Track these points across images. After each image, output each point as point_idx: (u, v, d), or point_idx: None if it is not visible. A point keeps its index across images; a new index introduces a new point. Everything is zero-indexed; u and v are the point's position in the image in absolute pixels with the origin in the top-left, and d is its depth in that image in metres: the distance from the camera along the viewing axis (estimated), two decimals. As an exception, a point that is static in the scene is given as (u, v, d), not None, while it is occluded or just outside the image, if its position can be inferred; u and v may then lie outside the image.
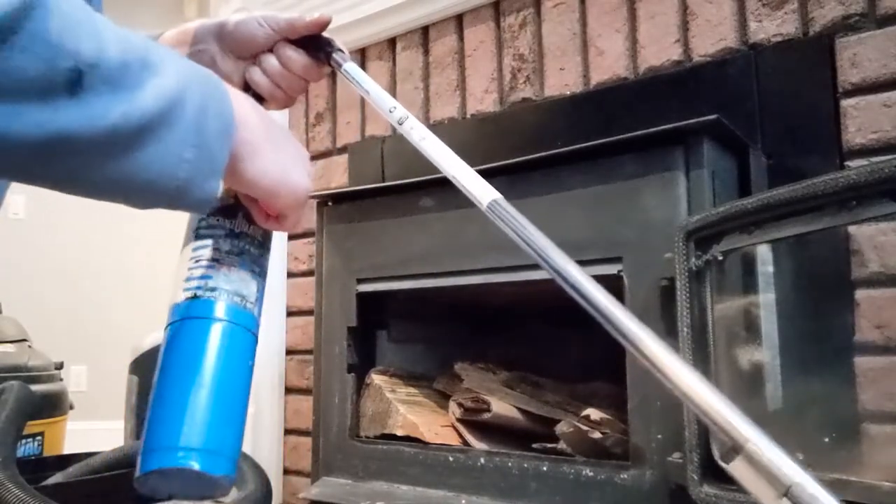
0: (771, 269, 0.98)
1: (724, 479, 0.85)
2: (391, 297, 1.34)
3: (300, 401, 1.67)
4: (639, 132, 1.00)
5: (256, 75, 0.72)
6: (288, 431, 1.69)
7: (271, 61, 0.72)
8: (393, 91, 1.59)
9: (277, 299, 1.73)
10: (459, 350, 1.43)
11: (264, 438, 1.67)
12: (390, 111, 0.72)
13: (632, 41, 1.27)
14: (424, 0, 1.50)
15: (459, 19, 1.50)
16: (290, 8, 1.69)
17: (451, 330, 1.50)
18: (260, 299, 0.62)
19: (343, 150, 1.67)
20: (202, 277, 0.59)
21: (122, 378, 2.47)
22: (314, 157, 1.74)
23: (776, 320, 0.98)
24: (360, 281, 1.32)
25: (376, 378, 1.34)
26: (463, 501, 1.12)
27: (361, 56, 1.66)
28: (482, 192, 0.64)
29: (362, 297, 1.32)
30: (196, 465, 0.53)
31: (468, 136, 1.46)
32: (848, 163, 1.02)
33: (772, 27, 1.12)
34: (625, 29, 1.28)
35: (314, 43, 0.72)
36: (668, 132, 0.98)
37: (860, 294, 0.98)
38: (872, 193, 0.71)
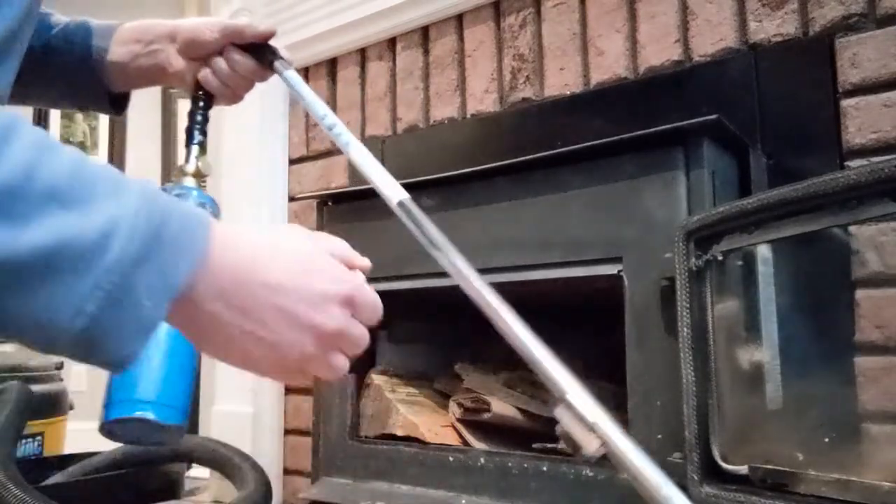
0: (771, 269, 0.98)
1: (725, 479, 0.85)
2: (391, 297, 1.34)
3: (300, 401, 1.67)
4: (639, 132, 1.00)
5: (207, 75, 0.81)
6: (288, 431, 1.69)
7: (220, 64, 0.80)
8: (393, 91, 1.59)
9: (277, 299, 1.72)
10: (459, 350, 1.43)
11: (264, 438, 1.67)
12: (322, 117, 0.79)
13: (632, 41, 1.27)
14: (424, 0, 1.50)
15: (459, 19, 1.50)
16: (288, 8, 1.69)
17: (451, 330, 1.50)
18: None
19: (343, 150, 1.67)
20: None
21: (122, 378, 2.46)
22: (314, 158, 1.74)
23: (776, 320, 0.98)
24: (360, 281, 1.32)
25: (376, 378, 1.34)
26: (463, 501, 1.12)
27: (361, 56, 1.66)
28: (393, 192, 0.73)
29: (362, 297, 1.32)
30: (151, 416, 0.61)
31: (468, 136, 1.46)
32: (848, 163, 1.02)
33: (772, 27, 1.12)
34: (625, 29, 1.28)
35: (260, 49, 0.81)
36: (668, 132, 0.98)
37: (860, 294, 0.98)
38: (872, 193, 0.71)
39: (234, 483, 1.48)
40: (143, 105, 3.84)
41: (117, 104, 0.84)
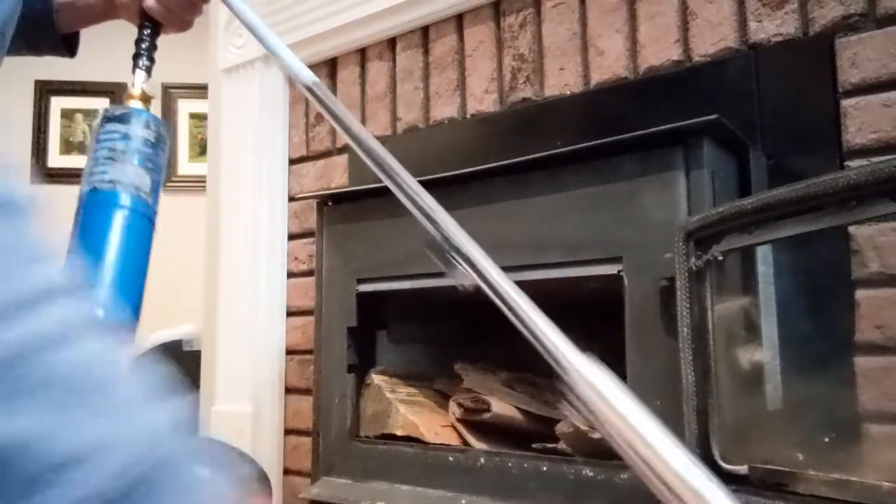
0: (771, 269, 0.98)
1: (725, 479, 0.85)
2: (391, 297, 1.34)
3: (300, 401, 1.67)
4: (639, 132, 1.00)
5: (152, 4, 0.85)
6: (288, 431, 1.69)
7: None
8: (393, 91, 1.59)
9: (277, 299, 1.72)
10: (459, 350, 1.43)
11: (264, 438, 1.66)
12: (255, 26, 0.83)
13: (632, 41, 1.27)
14: (424, 0, 1.50)
15: (459, 19, 1.50)
16: (288, 8, 1.69)
17: (451, 330, 1.50)
18: (155, 190, 0.78)
19: (343, 150, 1.67)
20: (102, 172, 0.76)
21: (122, 378, 2.46)
22: (314, 158, 1.74)
23: (776, 320, 0.98)
24: (360, 281, 1.32)
25: (376, 378, 1.34)
26: (463, 501, 1.12)
27: (361, 56, 1.66)
28: (303, 73, 0.72)
29: (362, 297, 1.32)
30: (115, 315, 0.69)
31: (468, 136, 1.46)
32: (848, 163, 1.02)
33: (772, 27, 1.12)
34: (625, 29, 1.28)
35: None
36: (668, 132, 0.98)
37: (860, 294, 0.98)
38: (872, 193, 0.71)
39: (234, 483, 1.48)
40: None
41: (71, 47, 0.88)
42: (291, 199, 1.76)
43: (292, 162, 1.78)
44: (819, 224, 0.77)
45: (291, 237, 1.74)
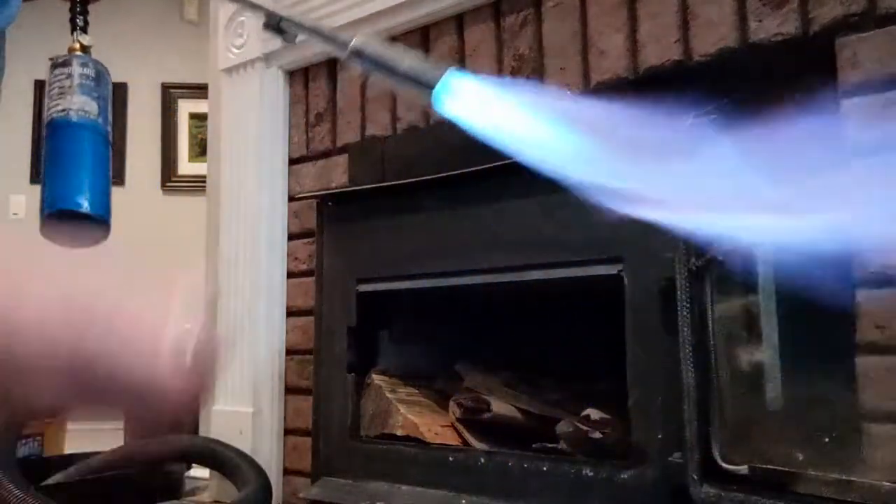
0: (771, 268, 0.98)
1: (725, 479, 0.85)
2: (391, 297, 1.34)
3: (300, 401, 1.67)
4: (639, 132, 1.00)
5: None
6: (288, 431, 1.69)
7: None
8: (393, 91, 1.59)
9: (277, 299, 1.72)
10: (459, 350, 1.43)
11: (264, 438, 1.66)
12: None
13: (632, 41, 1.27)
14: (424, 0, 1.50)
15: (459, 19, 1.50)
16: (290, 7, 1.69)
17: (451, 330, 1.50)
18: (103, 112, 1.02)
19: (343, 150, 1.67)
20: (55, 105, 0.98)
21: (122, 378, 2.46)
22: (314, 158, 1.74)
23: (776, 320, 0.98)
24: (360, 281, 1.32)
25: (376, 378, 1.34)
26: (463, 501, 1.12)
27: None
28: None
29: (362, 297, 1.32)
30: (87, 207, 0.92)
31: (468, 137, 1.46)
32: (848, 163, 1.02)
33: (772, 27, 1.12)
34: (625, 29, 1.28)
35: None
36: (668, 132, 0.98)
37: (860, 294, 0.98)
38: (873, 193, 0.71)
39: (234, 483, 1.48)
40: (143, 105, 3.84)
41: None
42: (291, 198, 1.76)
43: (292, 162, 1.78)
44: (819, 224, 0.77)
45: (291, 237, 1.74)
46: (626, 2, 1.28)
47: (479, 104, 0.51)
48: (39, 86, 3.73)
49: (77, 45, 1.07)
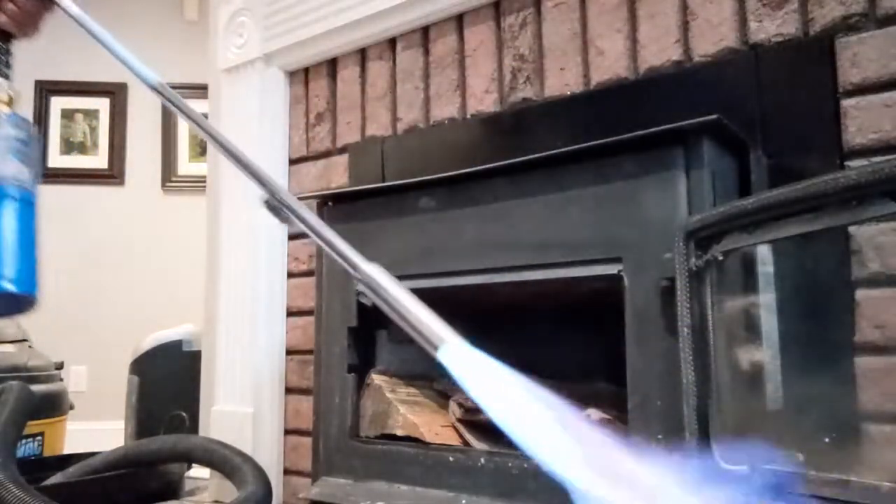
0: (771, 269, 0.98)
1: (725, 479, 0.85)
2: (391, 297, 1.34)
3: (300, 401, 1.67)
4: (639, 132, 1.00)
5: (1, 17, 0.99)
6: (288, 431, 1.69)
7: (7, 4, 0.99)
8: (393, 91, 1.59)
9: (277, 299, 1.73)
10: (459, 350, 1.43)
11: (264, 438, 1.66)
12: (97, 34, 0.95)
13: (632, 41, 1.27)
14: (424, 0, 1.50)
15: (459, 19, 1.50)
16: (288, 8, 1.69)
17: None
18: (34, 179, 0.96)
19: (343, 150, 1.67)
20: None
21: (122, 378, 2.47)
22: (314, 158, 1.74)
23: (776, 320, 0.98)
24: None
25: (376, 378, 1.34)
26: (463, 501, 1.12)
27: (361, 56, 1.66)
28: (150, 76, 0.89)
29: (362, 297, 1.32)
30: (12, 288, 0.87)
31: (468, 136, 1.46)
32: (848, 163, 1.02)
33: (772, 27, 1.12)
34: (625, 29, 1.28)
35: None
36: (668, 132, 0.98)
37: (860, 294, 0.98)
38: (872, 193, 0.71)
39: (234, 483, 1.48)
40: (143, 105, 3.84)
41: None
42: (291, 199, 1.76)
43: (292, 162, 1.78)
44: (819, 224, 0.77)
45: (291, 237, 1.74)
46: (626, 2, 1.28)
47: (478, 379, 0.54)
48: (40, 86, 3.73)
49: (6, 99, 0.99)
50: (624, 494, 0.47)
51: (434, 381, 1.41)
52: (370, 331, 1.39)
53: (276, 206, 0.69)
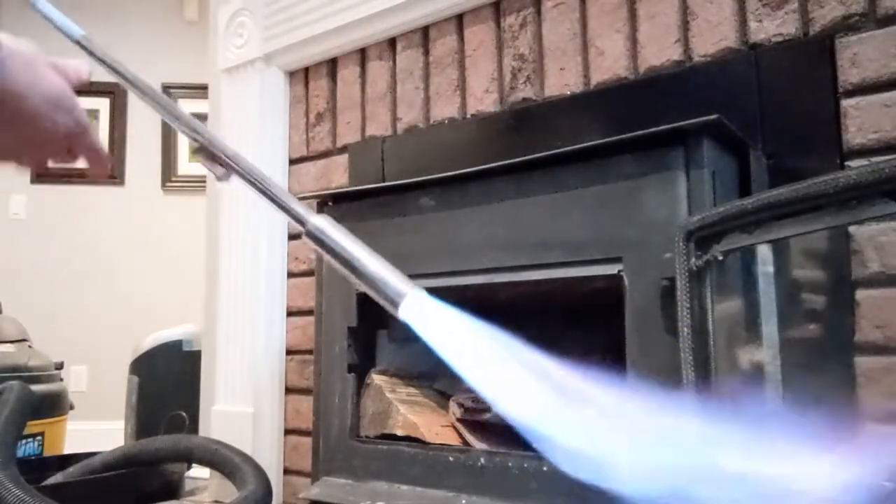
0: (771, 269, 0.98)
1: (724, 480, 0.84)
2: (391, 297, 1.34)
3: (300, 401, 1.67)
4: (639, 132, 1.00)
5: None
6: (288, 431, 1.69)
7: None
8: (393, 91, 1.59)
9: (277, 299, 1.73)
10: (459, 350, 1.43)
11: (264, 438, 1.67)
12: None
13: (632, 41, 1.27)
14: (424, 0, 1.50)
15: (459, 19, 1.50)
16: (288, 8, 1.69)
17: (451, 330, 1.50)
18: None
19: (343, 150, 1.67)
20: None
21: (122, 378, 2.47)
22: (314, 158, 1.74)
23: (776, 320, 0.98)
24: (360, 281, 1.32)
25: (376, 378, 1.34)
26: (463, 501, 1.12)
27: (361, 56, 1.66)
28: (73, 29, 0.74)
29: (362, 297, 1.32)
30: None
31: (468, 136, 1.46)
32: (848, 163, 1.02)
33: (772, 27, 1.12)
34: (625, 29, 1.28)
35: None
36: (668, 132, 0.98)
37: (860, 294, 0.98)
38: (872, 193, 0.71)
39: (234, 483, 1.48)
40: (144, 106, 3.84)
41: None
42: (291, 199, 1.76)
43: (292, 162, 1.78)
44: (819, 224, 0.77)
45: (291, 237, 1.74)
46: (626, 2, 1.28)
47: (441, 329, 0.52)
48: None
49: None
50: (588, 431, 0.46)
51: (434, 380, 1.41)
52: (370, 331, 1.39)
53: (211, 154, 0.68)
